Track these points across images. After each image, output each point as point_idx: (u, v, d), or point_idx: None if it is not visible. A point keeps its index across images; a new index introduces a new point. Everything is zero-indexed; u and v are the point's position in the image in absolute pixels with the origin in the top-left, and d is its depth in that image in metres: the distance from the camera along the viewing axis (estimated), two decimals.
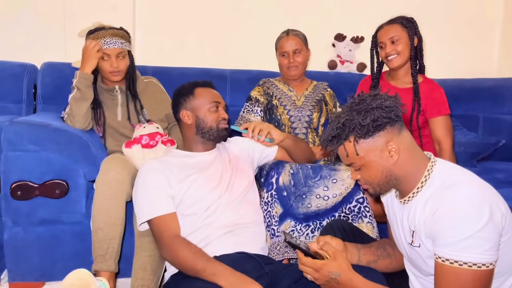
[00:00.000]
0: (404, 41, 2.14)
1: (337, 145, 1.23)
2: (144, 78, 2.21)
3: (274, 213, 1.76)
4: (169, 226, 1.52)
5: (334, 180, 1.81)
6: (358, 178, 1.26)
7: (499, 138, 2.52)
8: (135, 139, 1.91)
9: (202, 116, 1.72)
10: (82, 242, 1.83)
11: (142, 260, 1.61)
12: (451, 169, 1.20)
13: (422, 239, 1.18)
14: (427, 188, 1.19)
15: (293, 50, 2.22)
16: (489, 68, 3.32)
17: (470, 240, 1.06)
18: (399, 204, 1.28)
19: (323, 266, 1.22)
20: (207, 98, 1.74)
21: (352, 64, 3.02)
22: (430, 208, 1.14)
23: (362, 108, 1.19)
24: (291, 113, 2.20)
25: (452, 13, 3.26)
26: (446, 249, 1.09)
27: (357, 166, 1.22)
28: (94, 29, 2.07)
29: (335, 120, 1.23)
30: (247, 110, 2.25)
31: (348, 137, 1.20)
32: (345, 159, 1.25)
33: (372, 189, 1.25)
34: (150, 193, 1.57)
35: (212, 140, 1.74)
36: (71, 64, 2.39)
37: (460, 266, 1.07)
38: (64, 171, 1.80)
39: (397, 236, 1.33)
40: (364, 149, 1.19)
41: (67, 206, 1.82)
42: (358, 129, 1.17)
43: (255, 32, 2.93)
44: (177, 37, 2.89)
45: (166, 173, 1.60)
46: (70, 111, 1.94)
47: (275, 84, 2.31)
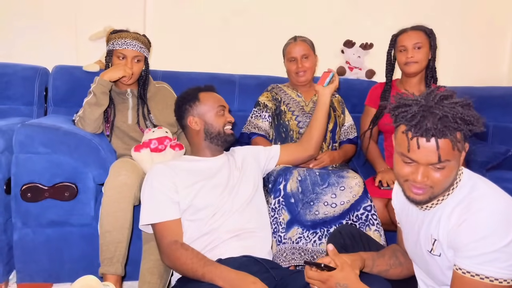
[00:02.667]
0: (426, 50, 2.16)
1: (453, 132, 1.07)
2: (156, 83, 2.24)
3: (281, 219, 1.76)
4: (171, 232, 1.53)
5: (342, 188, 1.81)
6: (424, 179, 1.12)
7: (509, 147, 2.49)
8: (144, 143, 1.92)
9: (210, 121, 1.73)
10: (90, 245, 1.84)
11: (150, 264, 1.62)
12: (477, 180, 1.18)
13: (443, 248, 1.17)
14: (453, 197, 1.17)
15: (301, 56, 2.23)
16: (500, 77, 3.31)
17: (495, 254, 1.05)
18: (418, 210, 1.26)
19: (330, 278, 1.21)
20: (213, 103, 1.75)
21: (361, 70, 3.02)
22: (456, 219, 1.13)
23: (466, 104, 1.11)
24: (299, 119, 2.21)
25: (464, 21, 3.25)
26: (469, 261, 1.08)
27: (445, 164, 1.09)
28: (119, 30, 2.12)
29: (446, 104, 1.09)
30: (255, 116, 2.26)
31: (463, 128, 1.08)
32: (446, 153, 1.08)
33: (430, 193, 1.14)
34: (155, 197, 1.58)
35: (220, 145, 1.75)
36: (82, 68, 2.41)
37: (482, 280, 1.06)
38: (74, 174, 1.82)
39: (411, 243, 1.31)
40: (462, 146, 1.11)
41: (76, 209, 1.84)
42: (473, 124, 1.09)
43: (264, 37, 2.95)
44: (186, 42, 2.90)
45: (173, 178, 1.61)
46: (82, 115, 1.96)
47: (283, 90, 2.31)
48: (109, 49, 2.08)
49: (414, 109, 1.11)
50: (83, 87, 2.17)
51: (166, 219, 1.55)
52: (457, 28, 3.23)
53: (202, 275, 1.40)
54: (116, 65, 2.02)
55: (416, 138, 1.09)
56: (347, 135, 2.35)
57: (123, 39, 2.04)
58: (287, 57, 2.28)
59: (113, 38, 2.07)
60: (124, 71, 1.99)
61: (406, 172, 1.15)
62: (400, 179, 1.18)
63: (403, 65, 2.19)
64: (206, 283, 1.40)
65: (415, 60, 2.15)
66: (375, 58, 3.02)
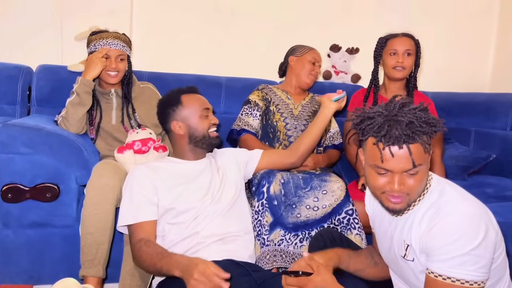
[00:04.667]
0: (413, 57, 2.21)
1: (421, 135, 1.10)
2: (141, 83, 2.23)
3: (265, 222, 1.76)
4: (141, 232, 1.53)
5: (324, 191, 1.83)
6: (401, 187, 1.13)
7: (490, 153, 2.54)
8: (127, 145, 1.91)
9: (194, 125, 1.71)
10: (72, 246, 1.83)
11: (131, 266, 1.61)
12: (446, 185, 1.20)
13: (416, 253, 1.19)
14: (424, 202, 1.19)
15: (317, 62, 2.35)
16: (482, 83, 3.36)
17: (465, 257, 1.07)
18: (391, 217, 1.27)
19: (308, 283, 1.21)
20: (196, 106, 1.73)
21: (347, 75, 3.04)
22: (427, 224, 1.15)
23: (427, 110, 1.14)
24: (288, 121, 2.23)
25: (448, 28, 3.30)
26: (440, 265, 1.10)
27: (418, 169, 1.11)
28: (98, 31, 2.11)
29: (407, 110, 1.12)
30: (245, 113, 2.26)
31: (429, 132, 1.11)
32: (418, 157, 1.10)
33: (407, 200, 1.16)
34: (133, 199, 1.57)
35: (205, 148, 1.74)
36: (66, 67, 2.39)
37: (453, 282, 1.08)
38: (56, 174, 1.80)
39: (385, 248, 1.33)
40: (431, 150, 1.15)
41: (58, 210, 1.82)
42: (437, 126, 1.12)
43: (251, 40, 2.96)
44: (173, 43, 2.90)
45: (154, 180, 1.60)
46: (65, 115, 1.95)
47: (274, 91, 2.33)
48: (91, 51, 2.07)
49: (378, 120, 1.12)
50: (67, 87, 2.13)
51: (141, 220, 1.54)
52: (442, 35, 3.27)
53: (160, 268, 1.40)
54: (92, 61, 1.99)
55: (388, 147, 1.11)
56: (332, 141, 2.37)
57: (104, 40, 2.03)
58: (308, 58, 2.34)
59: (94, 39, 2.05)
60: (102, 62, 1.98)
61: (381, 183, 1.15)
62: (377, 191, 1.18)
63: (391, 68, 2.21)
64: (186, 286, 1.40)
65: (404, 66, 2.18)
66: (361, 62, 3.05)
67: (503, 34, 3.32)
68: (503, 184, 2.28)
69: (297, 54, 2.36)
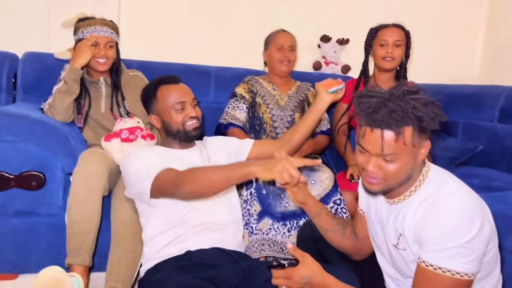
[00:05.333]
0: (403, 48, 2.21)
1: (398, 125, 1.08)
2: (129, 72, 2.21)
3: (253, 211, 1.77)
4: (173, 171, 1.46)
5: (313, 181, 1.83)
6: (376, 170, 1.14)
7: (477, 144, 2.56)
8: (114, 133, 1.89)
9: (167, 119, 1.66)
10: (58, 235, 1.81)
11: (118, 255, 1.60)
12: (445, 177, 1.20)
13: (409, 242, 1.19)
14: (420, 193, 1.19)
15: (288, 46, 2.26)
16: (471, 75, 3.38)
17: (458, 249, 1.07)
18: (386, 204, 1.27)
19: (294, 273, 1.22)
20: (170, 100, 1.66)
21: (337, 65, 3.04)
22: (422, 214, 1.15)
23: (427, 101, 1.11)
24: (274, 112, 2.22)
25: (438, 21, 3.31)
26: (432, 255, 1.10)
27: (393, 157, 1.11)
28: (85, 18, 2.07)
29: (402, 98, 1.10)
30: (232, 107, 2.25)
31: (411, 124, 1.10)
32: (389, 145, 1.10)
33: (383, 185, 1.17)
34: (147, 161, 1.53)
35: (183, 140, 1.69)
36: (53, 55, 2.35)
37: (444, 273, 1.09)
38: (42, 163, 1.78)
39: (377, 234, 1.33)
40: (415, 142, 1.12)
41: (44, 198, 1.80)
42: (425, 121, 1.10)
43: (241, 30, 2.93)
44: (162, 31, 2.86)
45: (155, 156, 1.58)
46: (52, 103, 1.92)
47: (260, 82, 2.32)
48: (78, 38, 2.03)
49: (373, 100, 1.13)
50: (54, 75, 2.10)
51: (166, 167, 1.48)
52: (432, 27, 3.28)
53: (226, 175, 1.32)
54: (81, 49, 1.96)
55: (365, 127, 1.13)
56: (320, 127, 2.35)
57: (92, 26, 2.00)
58: (275, 44, 2.28)
59: (81, 26, 2.02)
60: (91, 50, 1.96)
61: (361, 161, 1.18)
62: (359, 168, 1.21)
63: (380, 59, 2.22)
64: (174, 274, 1.39)
65: (394, 56, 2.19)
66: (351, 53, 3.05)
67: (492, 26, 3.34)
68: (489, 175, 2.30)
69: (266, 47, 2.35)
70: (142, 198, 1.52)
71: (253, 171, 1.28)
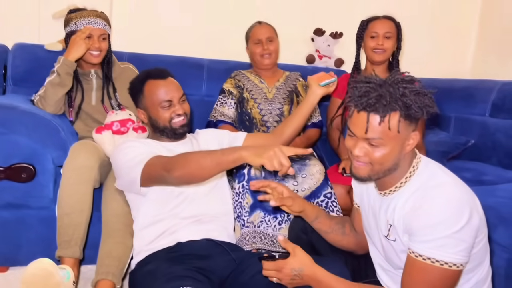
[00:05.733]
0: (394, 40, 2.21)
1: (385, 110, 1.10)
2: (121, 64, 2.19)
3: (245, 203, 1.77)
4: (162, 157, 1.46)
5: (304, 175, 1.83)
6: (362, 154, 1.16)
7: (469, 138, 2.57)
8: (106, 125, 1.88)
9: (154, 116, 1.64)
10: (48, 228, 1.80)
11: (108, 247, 1.59)
12: (435, 168, 1.21)
13: (399, 233, 1.20)
14: (410, 184, 1.19)
15: (266, 38, 2.23)
16: (463, 69, 3.39)
17: (447, 240, 1.08)
18: (378, 196, 1.28)
19: (285, 265, 1.22)
20: (158, 97, 1.62)
21: (330, 59, 3.04)
22: (412, 205, 1.15)
23: (419, 91, 1.13)
24: (262, 107, 2.20)
25: (431, 15, 3.31)
26: (422, 245, 1.11)
27: (379, 142, 1.12)
28: (76, 9, 2.05)
29: (392, 84, 1.12)
30: (220, 103, 2.24)
31: (399, 110, 1.10)
32: (374, 129, 1.11)
33: (370, 171, 1.18)
34: (136, 151, 1.52)
35: (170, 137, 1.67)
36: (44, 46, 2.33)
37: (432, 263, 1.09)
38: (32, 155, 1.76)
39: (370, 226, 1.34)
40: (401, 129, 1.12)
41: (34, 191, 1.79)
42: (412, 109, 1.10)
43: (234, 22, 2.91)
44: (155, 23, 2.84)
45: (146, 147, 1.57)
46: (44, 94, 1.91)
47: (247, 76, 2.30)
48: (71, 30, 2.01)
49: (366, 85, 1.14)
50: (44, 67, 2.10)
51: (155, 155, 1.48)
52: (425, 21, 3.28)
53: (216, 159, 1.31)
54: (75, 42, 1.94)
55: (353, 110, 1.15)
56: (311, 119, 2.34)
57: (86, 18, 1.98)
58: (252, 39, 2.27)
59: (74, 18, 2.00)
60: (86, 43, 1.94)
61: (349, 144, 1.20)
62: (349, 152, 1.22)
63: (371, 50, 2.22)
64: (164, 265, 1.39)
65: (384, 48, 2.18)
66: (344, 47, 3.04)
67: (485, 21, 3.35)
68: (481, 169, 2.31)
69: (246, 43, 2.34)
70: (133, 187, 1.51)
71: (244, 156, 1.27)
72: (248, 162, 1.28)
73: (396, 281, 1.24)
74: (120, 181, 1.58)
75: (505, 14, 3.19)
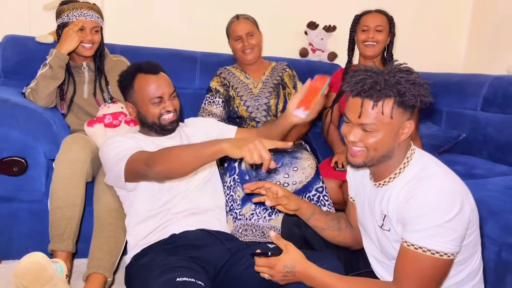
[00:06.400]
0: (386, 34, 2.21)
1: (379, 96, 1.12)
2: (113, 57, 2.18)
3: (237, 196, 1.78)
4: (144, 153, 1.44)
5: (295, 168, 1.84)
6: (357, 140, 1.17)
7: (460, 132, 2.59)
8: (98, 118, 1.88)
9: (143, 111, 1.61)
10: (41, 221, 1.80)
11: (100, 241, 1.59)
12: (428, 160, 1.22)
13: (393, 223, 1.21)
14: (404, 175, 1.20)
15: (246, 33, 2.20)
16: (456, 63, 3.41)
17: (438, 229, 1.09)
18: (373, 187, 1.29)
19: (277, 262, 1.23)
20: (148, 93, 1.59)
21: (323, 53, 3.03)
22: (405, 195, 1.17)
23: (415, 81, 1.14)
24: (248, 103, 2.19)
25: (422, 8, 3.31)
26: (414, 235, 1.12)
27: (372, 128, 1.14)
28: (68, 0, 2.03)
29: (389, 73, 1.14)
30: (208, 102, 2.23)
31: (393, 96, 1.12)
32: (367, 114, 1.13)
33: (365, 157, 1.19)
34: (123, 145, 1.50)
35: (159, 133, 1.65)
36: (35, 38, 2.31)
37: (424, 252, 1.11)
38: (23, 148, 1.75)
39: (366, 218, 1.35)
40: (394, 116, 1.14)
41: (26, 184, 1.78)
42: (406, 96, 1.12)
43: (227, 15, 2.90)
44: (147, 16, 2.82)
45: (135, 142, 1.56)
46: (35, 87, 1.89)
47: (232, 72, 2.28)
48: (63, 22, 1.99)
49: (363, 73, 1.16)
50: (36, 59, 2.08)
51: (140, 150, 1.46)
52: (418, 16, 3.29)
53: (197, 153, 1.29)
54: (68, 35, 1.92)
55: (348, 95, 1.18)
56: None
57: (78, 10, 1.96)
58: (232, 36, 2.24)
59: (66, 10, 1.97)
60: (78, 36, 1.92)
61: (345, 131, 1.22)
62: (345, 139, 1.24)
63: (362, 44, 2.22)
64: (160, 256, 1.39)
65: (375, 41, 2.19)
66: (337, 40, 3.04)
67: (477, 16, 3.36)
68: (472, 163, 2.34)
69: (229, 34, 2.29)
70: (118, 182, 1.50)
71: (224, 148, 1.25)
72: (228, 154, 1.25)
73: (390, 272, 1.25)
74: (108, 176, 1.58)
75: (497, 9, 3.20)
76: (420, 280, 1.14)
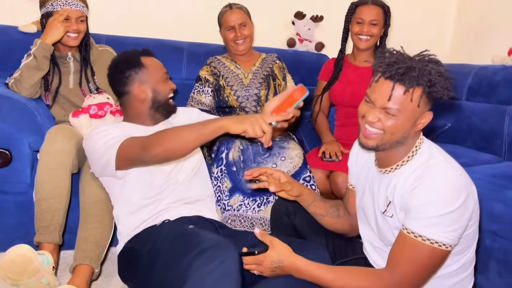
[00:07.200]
0: (380, 27, 2.20)
1: (411, 83, 1.11)
2: (99, 47, 2.15)
3: (224, 187, 1.78)
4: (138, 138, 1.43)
5: (283, 158, 1.84)
6: (375, 120, 1.16)
7: (445, 122, 2.62)
8: (83, 109, 1.86)
9: (158, 88, 1.64)
10: (26, 213, 1.78)
11: (86, 232, 1.58)
12: (435, 150, 1.23)
13: (396, 210, 1.22)
14: (411, 164, 1.21)
15: (239, 24, 2.18)
16: (442, 53, 3.43)
17: (441, 218, 1.10)
18: (378, 173, 1.29)
19: (265, 258, 1.24)
20: (158, 69, 1.65)
21: (311, 43, 3.03)
22: (411, 183, 1.17)
23: (443, 74, 1.14)
24: (238, 93, 2.18)
25: None
26: (415, 223, 1.13)
27: (396, 113, 1.14)
28: None
29: (421, 61, 1.13)
30: (197, 91, 2.22)
31: (424, 85, 1.12)
32: (396, 99, 1.12)
33: (380, 140, 1.19)
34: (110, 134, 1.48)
35: (164, 115, 1.68)
36: (17, 28, 2.27)
37: (423, 241, 1.12)
38: (7, 139, 1.73)
39: (366, 204, 1.36)
40: (421, 105, 1.14)
41: (10, 176, 1.76)
42: (436, 87, 1.12)
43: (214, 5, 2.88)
44: (133, 5, 2.78)
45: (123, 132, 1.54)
46: (19, 77, 1.86)
47: (222, 62, 2.27)
48: (47, 11, 1.95)
49: (395, 55, 1.15)
50: (18, 49, 2.05)
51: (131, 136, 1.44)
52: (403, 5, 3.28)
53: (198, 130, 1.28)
54: (53, 25, 1.89)
55: (379, 76, 1.15)
56: None
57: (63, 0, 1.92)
58: (224, 26, 2.22)
59: None
60: (64, 26, 1.90)
61: (363, 110, 1.20)
62: (359, 117, 1.22)
63: (355, 36, 2.21)
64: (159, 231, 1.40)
65: (369, 34, 2.18)
66: (325, 30, 3.04)
67: (463, 6, 3.38)
68: (457, 152, 2.34)
69: (219, 28, 2.28)
70: (107, 170, 1.48)
71: (224, 124, 1.25)
72: (229, 130, 1.25)
73: (385, 258, 1.26)
74: (95, 167, 1.56)
75: None
76: (415, 267, 1.15)
